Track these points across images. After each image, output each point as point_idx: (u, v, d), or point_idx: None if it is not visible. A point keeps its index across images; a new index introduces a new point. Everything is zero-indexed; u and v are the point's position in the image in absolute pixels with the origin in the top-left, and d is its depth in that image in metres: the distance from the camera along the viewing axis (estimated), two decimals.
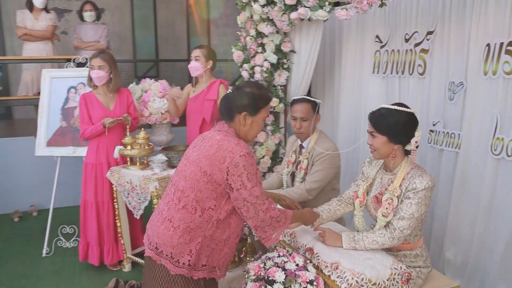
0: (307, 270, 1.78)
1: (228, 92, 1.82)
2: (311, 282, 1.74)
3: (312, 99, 2.63)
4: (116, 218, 3.17)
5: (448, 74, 2.73)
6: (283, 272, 1.74)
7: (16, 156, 4.50)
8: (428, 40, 2.83)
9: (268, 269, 1.77)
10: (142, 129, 3.12)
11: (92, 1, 4.96)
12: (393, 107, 1.88)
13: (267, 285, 1.73)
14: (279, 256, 1.86)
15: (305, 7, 2.85)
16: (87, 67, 3.37)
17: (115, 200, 3.14)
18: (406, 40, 3.03)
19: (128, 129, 3.09)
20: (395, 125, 1.85)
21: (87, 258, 3.22)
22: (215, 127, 1.80)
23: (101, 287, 2.98)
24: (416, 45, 2.94)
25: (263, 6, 3.28)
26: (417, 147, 1.92)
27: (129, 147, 3.06)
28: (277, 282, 1.72)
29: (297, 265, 1.80)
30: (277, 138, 3.76)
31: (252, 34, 3.62)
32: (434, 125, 2.84)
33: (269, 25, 3.42)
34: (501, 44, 2.32)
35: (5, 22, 6.25)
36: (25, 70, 4.61)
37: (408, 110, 1.88)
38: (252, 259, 1.95)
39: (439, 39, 2.76)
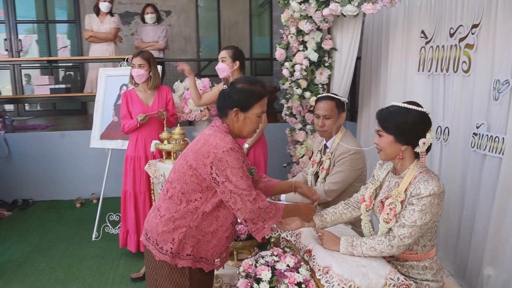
0: (298, 272, 1.73)
1: (223, 88, 1.82)
2: (299, 284, 1.69)
3: (337, 97, 2.54)
4: None
5: (493, 71, 2.45)
6: (270, 271, 1.71)
7: (83, 147, 4.91)
8: (473, 34, 2.58)
9: (257, 267, 1.75)
10: (178, 125, 3.24)
11: (153, 4, 5.27)
12: (403, 105, 1.75)
13: (254, 283, 1.71)
14: (271, 255, 1.82)
15: (336, 2, 2.75)
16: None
17: (152, 192, 3.30)
18: (451, 35, 2.78)
19: (165, 124, 3.23)
20: (402, 124, 1.71)
21: (126, 244, 3.43)
22: (211, 123, 1.82)
23: (135, 272, 3.16)
24: (461, 40, 2.68)
25: (300, 3, 3.23)
26: (428, 150, 1.76)
27: (165, 141, 3.20)
28: (263, 281, 1.69)
29: (288, 266, 1.75)
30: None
31: (293, 31, 3.58)
32: (477, 127, 2.57)
33: (308, 23, 3.35)
34: None
35: (83, 26, 6.85)
36: (90, 69, 5.04)
37: (420, 109, 1.73)
38: (249, 256, 1.94)
39: (484, 32, 2.50)
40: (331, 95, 2.59)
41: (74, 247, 3.67)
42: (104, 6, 4.84)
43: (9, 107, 6.79)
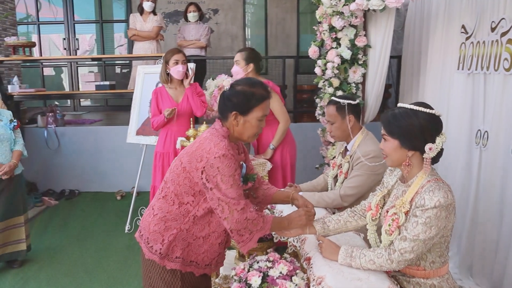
0: (291, 280, 1.65)
1: (224, 90, 1.76)
2: None
3: (338, 100, 2.39)
4: None
5: None
6: (261, 277, 1.64)
7: (126, 142, 5.11)
8: None
9: (249, 272, 1.69)
10: (204, 122, 3.25)
11: (195, 3, 5.35)
12: (410, 106, 1.60)
13: None
14: (266, 260, 1.75)
15: None
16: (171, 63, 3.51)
17: None
18: (492, 29, 2.52)
19: (191, 122, 3.25)
20: (408, 128, 1.56)
21: None
22: (212, 125, 1.78)
23: None
24: (503, 34, 2.43)
25: None
26: (439, 156, 1.59)
27: (192, 139, 3.22)
28: (253, 287, 1.63)
29: (280, 273, 1.67)
30: None
31: (326, 28, 3.45)
32: None
33: (340, 19, 3.21)
34: None
35: None
36: (134, 67, 5.21)
37: (429, 110, 1.57)
38: (247, 259, 1.88)
39: None
40: (334, 98, 2.45)
41: (108, 238, 3.83)
42: (147, 6, 4.99)
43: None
